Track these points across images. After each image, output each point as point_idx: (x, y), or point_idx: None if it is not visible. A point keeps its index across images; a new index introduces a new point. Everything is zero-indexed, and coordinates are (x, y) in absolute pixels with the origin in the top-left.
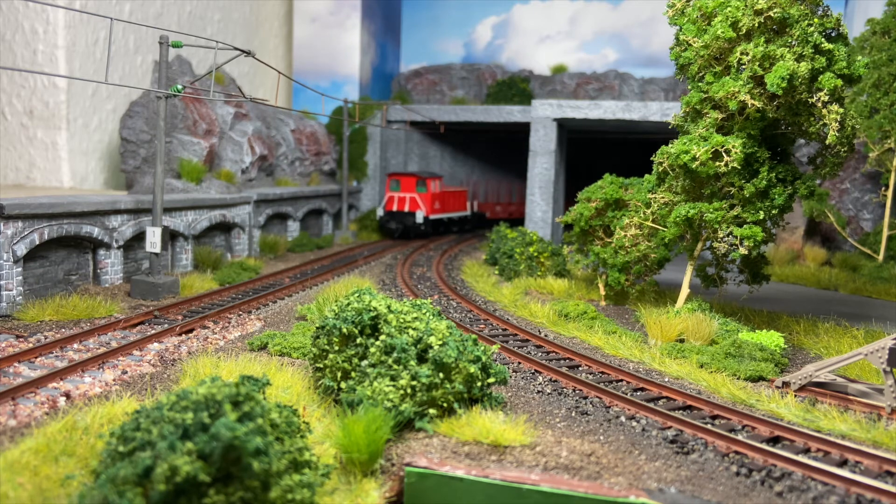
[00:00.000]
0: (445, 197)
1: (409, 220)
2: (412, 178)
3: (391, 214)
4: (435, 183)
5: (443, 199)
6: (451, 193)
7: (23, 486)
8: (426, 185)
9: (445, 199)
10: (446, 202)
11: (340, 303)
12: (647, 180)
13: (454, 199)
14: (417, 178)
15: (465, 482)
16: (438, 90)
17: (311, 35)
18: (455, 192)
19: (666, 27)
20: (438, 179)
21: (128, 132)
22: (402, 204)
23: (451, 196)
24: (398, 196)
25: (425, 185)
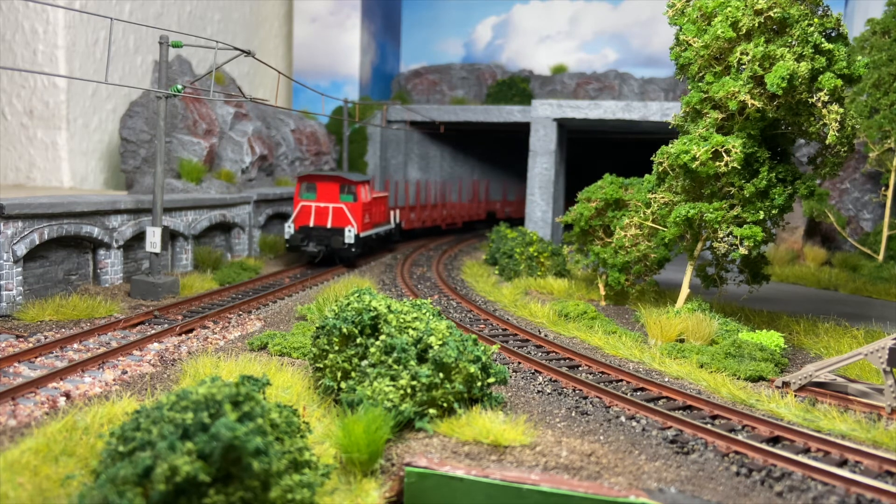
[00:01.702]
0: (375, 207)
1: (334, 239)
2: (335, 183)
3: (306, 232)
4: (366, 189)
5: (373, 210)
6: (378, 201)
7: (23, 486)
8: (355, 191)
9: (375, 210)
10: (376, 213)
11: (340, 303)
12: (647, 180)
13: (380, 206)
14: (343, 181)
15: (465, 482)
16: (438, 90)
17: (311, 35)
18: (381, 199)
19: (666, 27)
20: (368, 183)
21: (128, 132)
22: (323, 217)
23: (377, 204)
24: (316, 206)
25: (354, 191)
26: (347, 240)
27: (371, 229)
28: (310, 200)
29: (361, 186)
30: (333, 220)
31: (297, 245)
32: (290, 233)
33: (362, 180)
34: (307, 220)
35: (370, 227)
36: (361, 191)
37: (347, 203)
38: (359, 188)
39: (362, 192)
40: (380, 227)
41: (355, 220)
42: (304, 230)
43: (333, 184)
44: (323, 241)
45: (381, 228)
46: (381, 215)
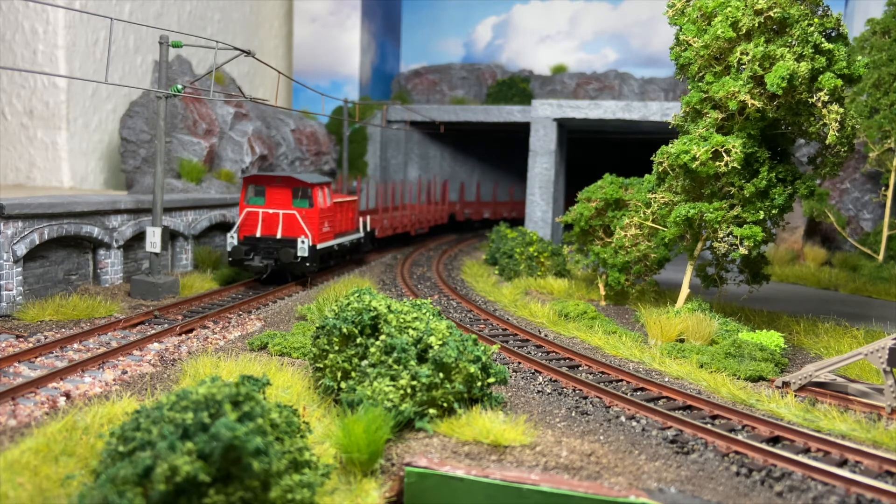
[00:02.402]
0: (337, 212)
1: (283, 252)
2: (286, 185)
3: (253, 243)
4: (324, 192)
5: (334, 217)
6: (342, 206)
7: (23, 486)
8: (311, 195)
9: (337, 216)
10: (337, 220)
11: (340, 303)
12: (647, 180)
13: (345, 213)
14: (296, 183)
15: (465, 482)
16: (438, 90)
17: (311, 35)
18: (346, 204)
19: (666, 27)
20: (327, 186)
21: (128, 132)
22: (272, 226)
23: (342, 210)
24: (264, 213)
25: (310, 195)
26: (300, 252)
27: (332, 239)
28: (257, 206)
29: (318, 189)
30: (284, 229)
31: (239, 259)
32: (232, 244)
33: (320, 182)
34: (253, 229)
35: (330, 237)
36: (319, 195)
37: (301, 209)
38: (315, 192)
39: (319, 196)
40: (344, 237)
41: (310, 228)
42: (249, 241)
43: (285, 187)
44: (271, 255)
45: (345, 238)
46: (346, 223)
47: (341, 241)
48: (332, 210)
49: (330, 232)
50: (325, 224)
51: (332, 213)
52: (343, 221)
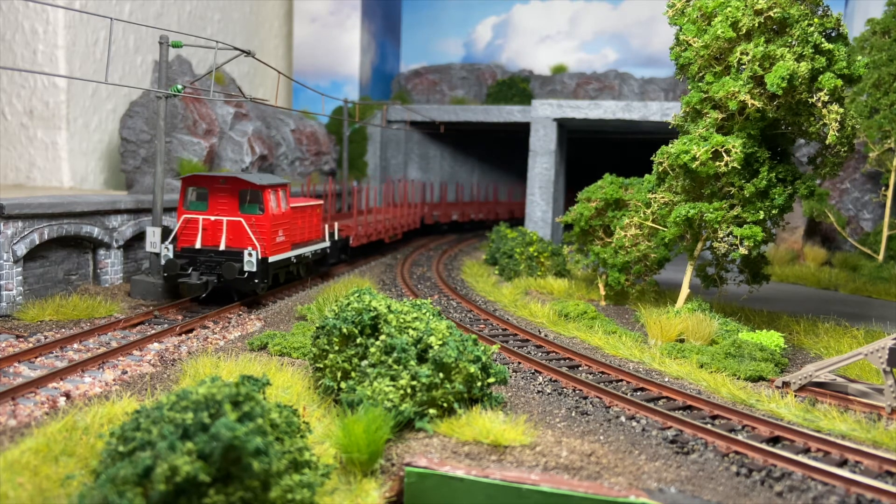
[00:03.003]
0: (298, 218)
1: (226, 266)
2: (232, 188)
3: (191, 255)
4: (279, 196)
5: (293, 224)
6: (304, 211)
7: (23, 486)
8: (262, 199)
9: (298, 223)
10: (298, 227)
11: (340, 303)
12: (647, 180)
13: (307, 219)
14: (244, 185)
15: (465, 482)
16: (438, 90)
17: (311, 35)
18: (308, 209)
19: (666, 27)
20: (282, 189)
21: (128, 132)
22: (214, 235)
23: (304, 216)
24: (205, 220)
25: (260, 199)
26: (246, 267)
27: (288, 251)
28: (198, 212)
29: (271, 192)
30: (229, 239)
31: (174, 274)
32: (167, 256)
33: (273, 184)
34: (193, 239)
35: (286, 248)
36: (271, 198)
37: (250, 216)
38: (267, 195)
39: (272, 200)
40: (305, 247)
41: (260, 238)
42: (187, 253)
43: (230, 189)
44: (213, 269)
45: (306, 248)
46: (308, 230)
47: (301, 252)
48: (289, 216)
49: (286, 242)
50: (279, 233)
51: (289, 219)
52: (305, 229)
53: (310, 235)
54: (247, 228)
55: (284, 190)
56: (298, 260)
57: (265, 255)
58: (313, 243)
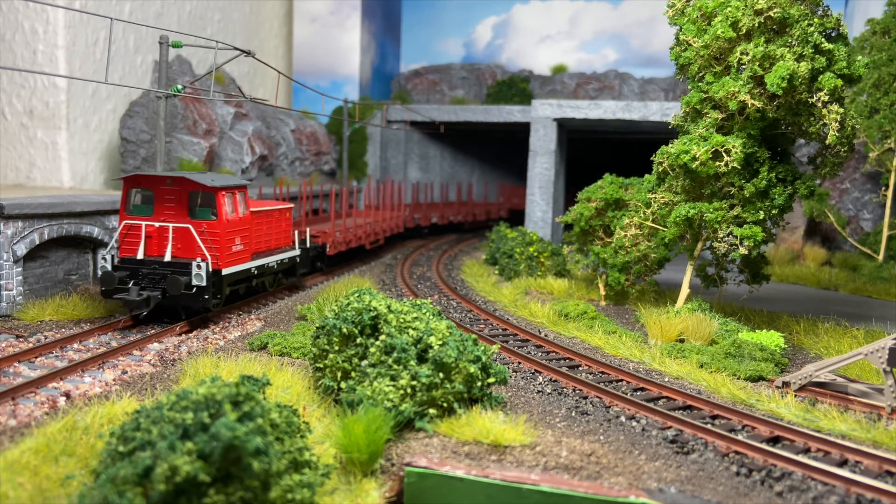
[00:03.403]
0: (262, 224)
1: (172, 280)
2: (181, 190)
3: (133, 267)
4: (235, 199)
5: (254, 230)
6: (269, 216)
7: (23, 486)
8: (215, 202)
9: (261, 229)
10: (262, 233)
11: (340, 303)
12: (647, 180)
13: (273, 225)
14: (195, 186)
15: (465, 482)
16: (438, 90)
17: (311, 35)
18: (275, 214)
19: (666, 27)
20: (239, 191)
21: (128, 132)
22: (160, 243)
23: (269, 221)
24: (148, 226)
25: (213, 202)
26: (195, 280)
27: (247, 261)
28: (142, 217)
29: (225, 195)
30: (176, 248)
31: (112, 289)
32: (105, 268)
33: (228, 186)
34: (135, 248)
35: (245, 258)
36: (225, 202)
37: (200, 222)
38: (220, 198)
39: (227, 203)
40: (270, 256)
41: (212, 248)
42: (128, 265)
43: (178, 191)
44: (157, 282)
45: (270, 258)
46: (275, 237)
47: (264, 261)
48: (248, 222)
49: (244, 251)
50: (235, 241)
51: (248, 225)
52: (271, 236)
53: (277, 243)
54: (195, 236)
55: (243, 192)
56: (261, 271)
57: (218, 267)
58: (280, 251)
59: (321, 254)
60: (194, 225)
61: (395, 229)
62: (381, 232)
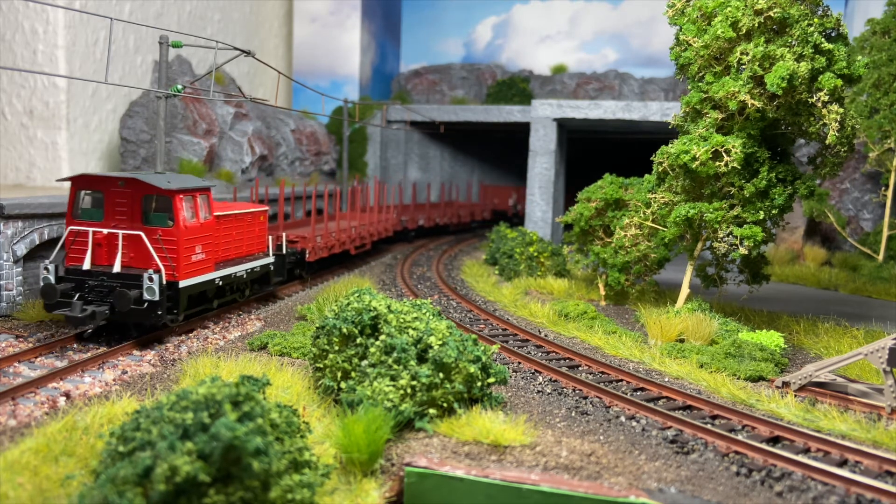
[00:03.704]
0: (231, 230)
1: (120, 295)
2: (133, 192)
3: (79, 279)
4: (195, 202)
5: (217, 237)
6: (238, 220)
7: (23, 486)
8: (171, 206)
9: (229, 235)
10: (231, 240)
11: (340, 303)
12: (647, 180)
13: (244, 230)
14: (149, 189)
15: (465, 482)
16: (438, 90)
17: (311, 35)
18: (246, 218)
19: (666, 27)
20: (200, 194)
21: (128, 132)
22: (110, 252)
23: (239, 226)
24: (96, 232)
25: (169, 206)
26: (147, 294)
27: (209, 271)
28: (90, 222)
29: (183, 199)
30: (127, 258)
31: (53, 303)
32: (47, 279)
33: (187, 188)
34: (81, 257)
35: (206, 268)
36: (183, 206)
37: (155, 229)
38: (178, 202)
39: (186, 208)
40: (237, 265)
41: (168, 257)
42: (74, 275)
43: (131, 194)
44: (104, 295)
45: (238, 267)
46: (245, 244)
47: (231, 271)
48: (212, 228)
49: (207, 260)
50: (195, 249)
51: (211, 232)
52: (241, 242)
53: (248, 249)
54: (148, 245)
55: (206, 195)
56: (227, 281)
57: (174, 279)
58: (252, 259)
59: (300, 260)
60: (148, 232)
61: (383, 233)
62: (367, 236)
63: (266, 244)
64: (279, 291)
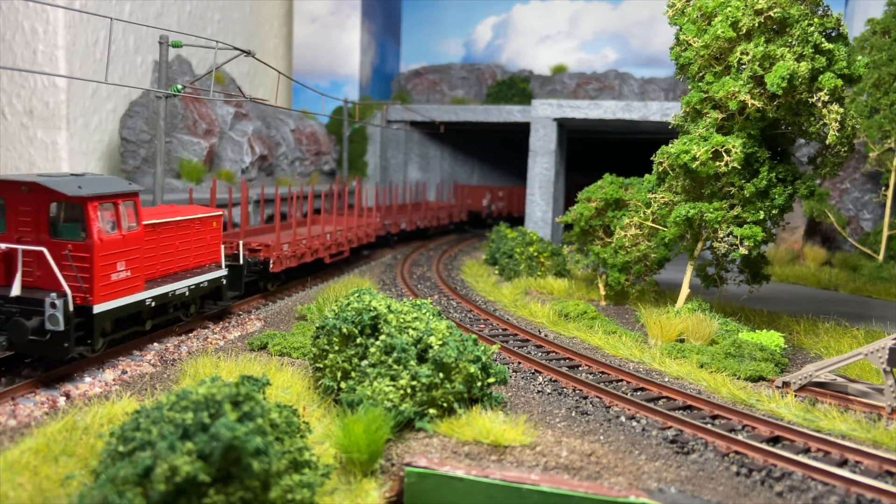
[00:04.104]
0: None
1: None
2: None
3: None
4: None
5: (149, 249)
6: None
7: (23, 486)
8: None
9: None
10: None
11: (340, 303)
12: (647, 180)
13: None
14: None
15: (465, 482)
16: (438, 90)
17: (311, 35)
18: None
19: (666, 27)
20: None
21: (128, 132)
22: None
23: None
24: None
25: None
26: (49, 323)
27: (138, 290)
28: None
29: (97, 207)
30: (33, 277)
31: None
32: None
33: (105, 194)
34: None
35: (134, 288)
36: (100, 216)
37: (64, 243)
38: (91, 210)
39: (102, 218)
40: (179, 281)
41: (79, 277)
42: None
43: (36, 201)
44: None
45: (179, 283)
46: (190, 255)
47: (170, 288)
48: (140, 240)
49: (134, 278)
50: (117, 266)
51: (140, 244)
52: (185, 253)
53: (197, 261)
54: (51, 262)
55: (131, 201)
56: (164, 301)
57: (86, 303)
58: (198, 273)
59: (264, 271)
60: (53, 247)
61: (363, 238)
62: (345, 242)
63: (219, 254)
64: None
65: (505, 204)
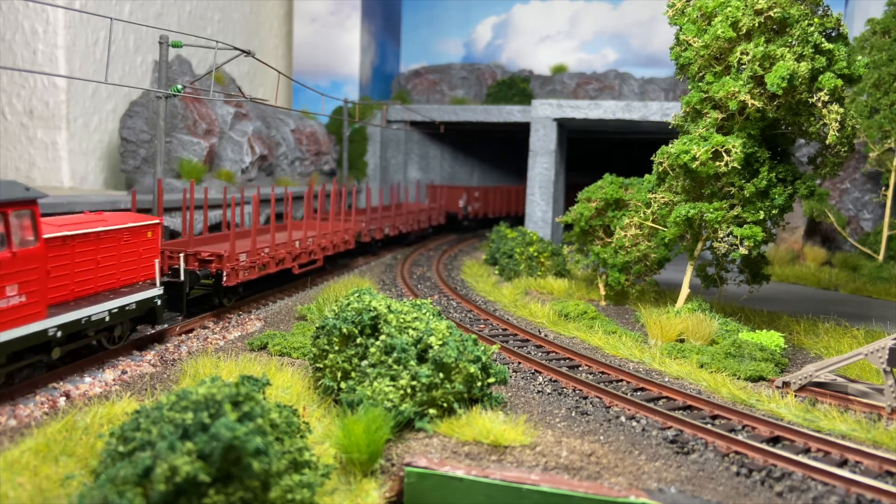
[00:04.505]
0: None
1: None
2: None
3: None
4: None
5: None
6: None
7: (23, 486)
8: None
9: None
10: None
11: (340, 303)
12: (647, 180)
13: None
14: None
15: (465, 482)
16: (438, 90)
17: (311, 35)
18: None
19: (666, 27)
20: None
21: (128, 132)
22: None
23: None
24: None
25: None
26: None
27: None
28: None
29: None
30: None
31: None
32: None
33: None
34: None
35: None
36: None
37: None
38: None
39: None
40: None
41: None
42: None
43: None
44: None
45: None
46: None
47: (84, 314)
48: (40, 257)
49: (31, 304)
50: (7, 290)
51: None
52: (109, 269)
53: (123, 279)
54: None
55: (26, 210)
56: (74, 329)
57: None
58: (125, 293)
59: (216, 286)
60: None
61: (340, 246)
62: (318, 250)
63: (153, 269)
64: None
65: (482, 205)
